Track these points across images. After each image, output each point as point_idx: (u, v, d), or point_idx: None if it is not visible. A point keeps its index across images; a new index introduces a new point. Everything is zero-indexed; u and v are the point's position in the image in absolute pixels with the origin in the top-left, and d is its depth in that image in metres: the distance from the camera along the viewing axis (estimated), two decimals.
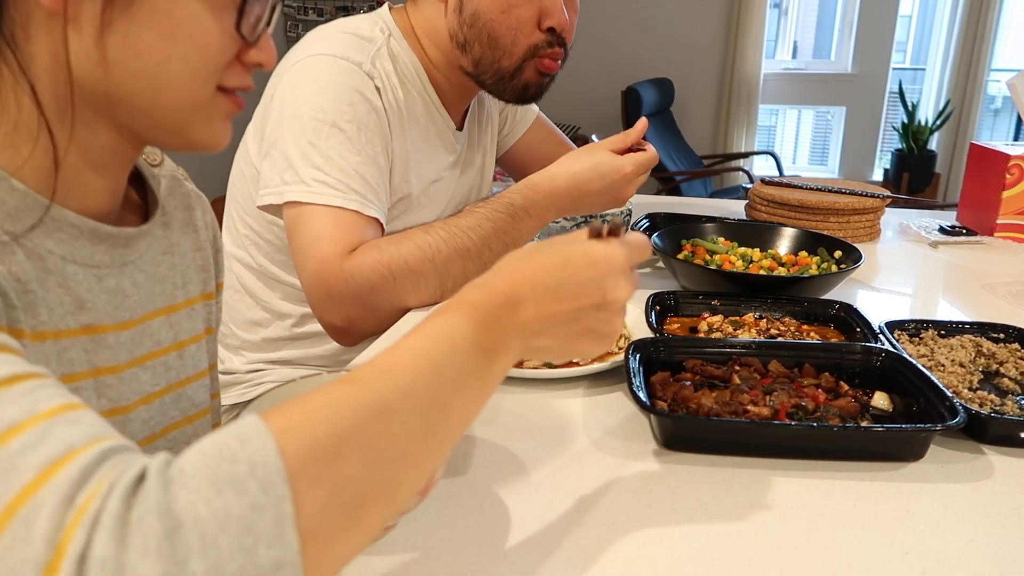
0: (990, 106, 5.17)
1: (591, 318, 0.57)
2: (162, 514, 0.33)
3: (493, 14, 1.11)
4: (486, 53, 1.14)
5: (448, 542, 0.62)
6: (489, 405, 0.84)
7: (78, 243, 0.56)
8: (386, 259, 1.01)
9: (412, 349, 0.46)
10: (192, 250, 0.71)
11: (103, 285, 0.58)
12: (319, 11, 4.98)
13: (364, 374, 0.44)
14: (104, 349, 0.59)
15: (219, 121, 0.58)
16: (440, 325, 0.49)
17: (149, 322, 0.64)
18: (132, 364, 0.62)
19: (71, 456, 0.35)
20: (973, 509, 0.67)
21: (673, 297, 1.07)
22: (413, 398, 0.44)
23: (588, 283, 0.56)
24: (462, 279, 1.05)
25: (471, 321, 0.49)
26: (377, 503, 0.41)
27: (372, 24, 1.16)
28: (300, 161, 1.03)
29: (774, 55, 5.19)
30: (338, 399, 0.41)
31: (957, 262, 1.44)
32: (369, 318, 1.03)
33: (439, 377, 0.46)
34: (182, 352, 0.68)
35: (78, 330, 0.56)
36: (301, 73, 1.07)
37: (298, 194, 1.02)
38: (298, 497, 0.36)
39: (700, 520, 0.65)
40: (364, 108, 1.07)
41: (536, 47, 1.14)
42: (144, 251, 0.64)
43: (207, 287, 0.73)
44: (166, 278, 0.67)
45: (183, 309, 0.69)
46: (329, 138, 1.04)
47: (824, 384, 0.84)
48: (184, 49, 0.53)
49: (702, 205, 1.89)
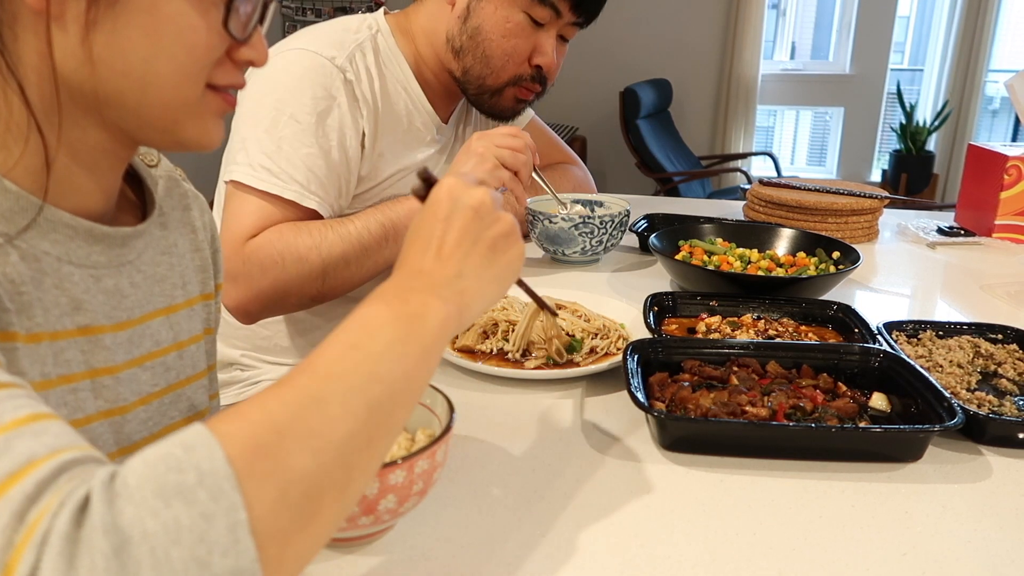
0: (988, 107, 5.17)
1: (482, 231, 0.58)
2: (108, 531, 0.33)
3: (494, 35, 1.18)
4: (476, 66, 1.21)
5: (446, 543, 0.62)
6: (487, 406, 0.85)
7: (73, 244, 0.56)
8: (281, 246, 1.06)
9: (331, 340, 0.47)
10: (191, 250, 0.71)
11: (100, 286, 0.58)
12: (317, 12, 4.98)
13: (290, 375, 0.44)
14: (101, 350, 0.58)
15: (210, 120, 0.58)
16: (353, 316, 0.49)
17: (148, 322, 0.64)
18: (131, 364, 0.62)
19: (29, 469, 0.35)
20: (971, 510, 0.67)
21: (671, 298, 1.07)
22: (344, 379, 0.44)
23: (453, 212, 0.57)
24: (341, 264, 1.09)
25: (380, 302, 0.50)
26: (331, 492, 0.41)
27: (361, 21, 1.22)
28: (253, 145, 1.09)
29: (772, 56, 5.19)
30: (269, 398, 0.41)
31: (955, 263, 1.45)
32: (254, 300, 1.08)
33: (362, 354, 0.46)
34: (181, 352, 0.68)
35: (75, 331, 0.56)
36: (272, 65, 1.13)
37: (242, 175, 1.08)
38: (249, 502, 0.36)
39: (698, 521, 0.65)
40: (325, 103, 1.12)
41: (520, 77, 1.23)
42: (142, 251, 0.63)
43: (206, 287, 0.73)
44: (165, 278, 0.67)
45: (183, 309, 0.69)
46: (284, 128, 1.09)
47: (822, 385, 0.84)
48: (171, 47, 0.52)
49: (700, 206, 1.89)
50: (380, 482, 0.54)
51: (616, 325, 1.00)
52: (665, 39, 4.86)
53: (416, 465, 0.56)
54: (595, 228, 1.30)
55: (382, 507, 0.55)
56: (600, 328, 0.98)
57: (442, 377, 0.91)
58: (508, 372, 0.89)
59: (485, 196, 0.58)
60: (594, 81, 4.76)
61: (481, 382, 0.90)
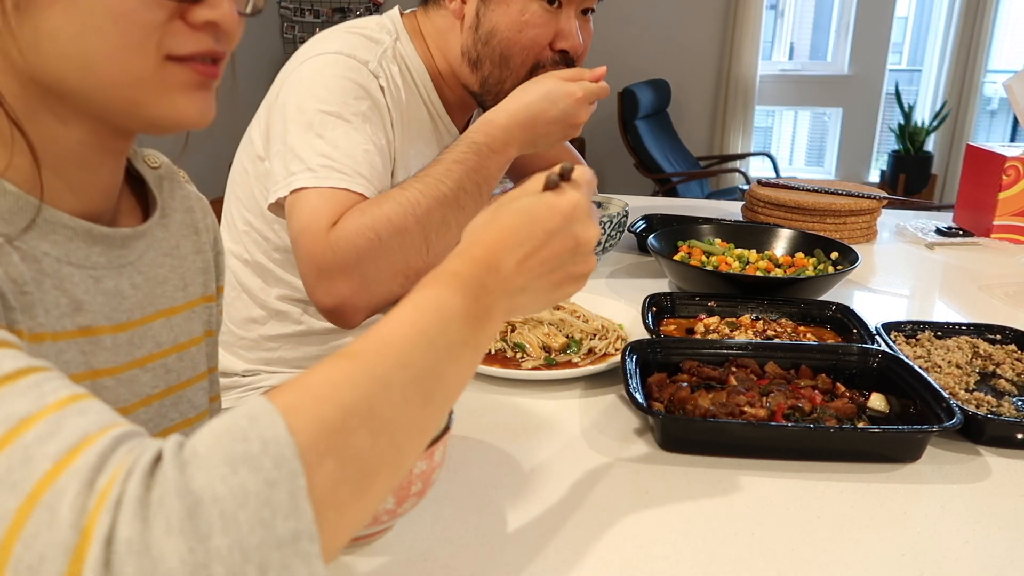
0: (987, 107, 5.18)
1: (568, 264, 0.58)
2: (182, 494, 0.34)
3: (510, 32, 1.13)
4: (494, 72, 1.15)
5: (445, 543, 0.62)
6: (486, 407, 0.85)
7: (73, 244, 0.56)
8: (369, 220, 0.98)
9: (404, 321, 0.47)
10: (193, 252, 0.71)
11: (100, 287, 0.58)
12: (315, 12, 4.97)
13: (360, 348, 0.44)
14: (101, 351, 0.58)
15: (180, 94, 0.53)
16: (428, 297, 0.49)
17: (149, 324, 0.64)
18: (131, 366, 0.61)
19: (86, 443, 0.36)
20: (970, 510, 0.68)
21: (669, 299, 1.07)
22: (410, 368, 0.45)
23: (559, 233, 0.57)
24: (443, 228, 1.03)
25: (458, 291, 0.50)
26: (384, 471, 0.42)
27: (380, 26, 1.18)
28: (307, 151, 1.03)
29: (770, 56, 5.20)
30: (339, 375, 0.42)
31: (953, 263, 1.45)
32: (360, 290, 1.01)
33: (432, 347, 0.47)
34: (182, 354, 0.68)
35: (75, 332, 0.56)
36: (307, 70, 1.09)
37: (305, 180, 1.01)
38: (310, 471, 0.37)
39: (697, 521, 0.65)
40: (368, 103, 1.08)
41: (538, 65, 1.15)
42: (143, 253, 0.63)
43: (208, 289, 0.73)
44: (167, 280, 0.66)
45: (183, 311, 0.68)
46: (335, 128, 1.04)
47: (821, 385, 0.84)
48: (96, 20, 0.48)
49: (699, 206, 1.89)
50: None
51: (615, 326, 1.00)
52: (663, 40, 4.87)
53: (415, 466, 0.56)
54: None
55: (381, 508, 0.55)
56: (599, 329, 0.98)
57: None
58: (507, 373, 0.89)
59: (594, 235, 0.59)
60: None
61: (480, 383, 0.90)
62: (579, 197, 0.58)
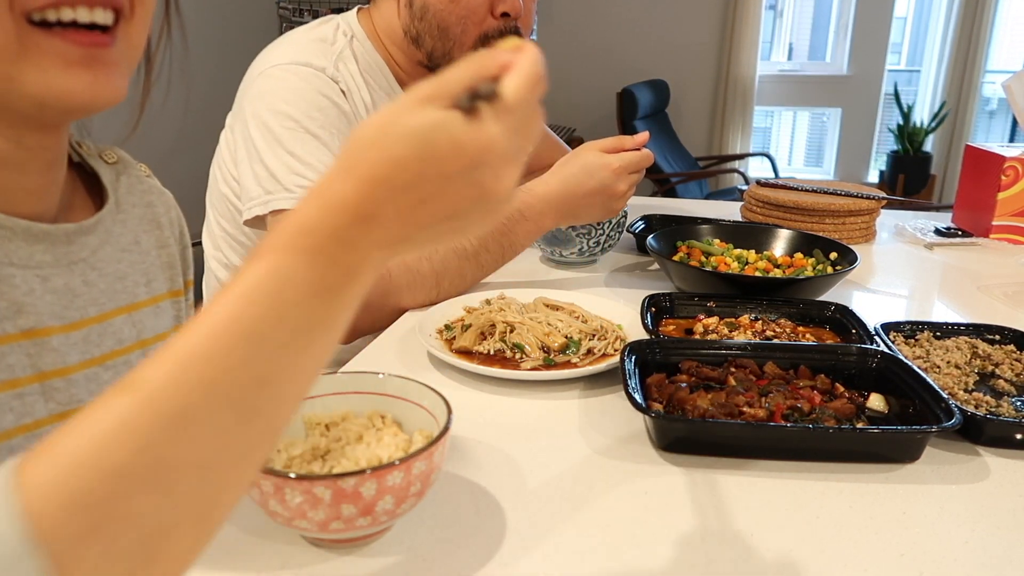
0: (985, 108, 5.18)
1: (470, 212, 0.41)
2: None
3: (441, 4, 1.12)
4: (437, 45, 1.15)
5: (443, 544, 0.62)
6: (485, 407, 0.85)
7: (12, 244, 0.54)
8: None
9: (221, 320, 0.36)
10: (155, 247, 0.69)
11: (48, 285, 0.56)
12: (314, 13, 4.96)
13: (150, 373, 0.34)
14: (49, 352, 0.56)
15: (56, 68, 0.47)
16: (263, 276, 0.37)
17: (109, 321, 0.62)
18: (88, 364, 0.60)
19: None
20: (969, 511, 0.67)
21: (668, 299, 1.07)
22: (225, 386, 0.35)
23: (459, 178, 0.39)
24: (458, 279, 1.06)
25: (307, 258, 0.37)
26: (185, 524, 0.34)
27: (335, 28, 1.19)
28: (281, 170, 1.05)
29: (769, 57, 5.20)
30: (108, 424, 0.33)
31: (953, 264, 1.45)
32: (364, 315, 1.03)
33: (262, 348, 0.36)
34: (146, 351, 0.66)
35: (18, 335, 0.54)
36: (267, 83, 1.09)
37: (283, 202, 1.04)
38: (59, 562, 0.30)
39: (696, 522, 0.65)
40: (333, 112, 1.09)
41: (487, 35, 1.15)
42: (97, 248, 0.61)
43: (174, 284, 0.71)
44: (126, 275, 0.64)
45: (147, 307, 0.67)
46: (304, 143, 1.05)
47: (820, 386, 0.84)
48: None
49: (698, 207, 1.89)
50: (378, 483, 0.54)
51: (614, 326, 1.00)
52: (662, 40, 4.87)
53: (413, 467, 0.56)
54: (592, 229, 1.29)
55: (379, 508, 0.55)
56: (597, 329, 0.98)
57: (439, 378, 0.91)
58: (505, 373, 0.89)
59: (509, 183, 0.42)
60: (591, 82, 4.76)
61: (478, 383, 0.90)
62: (496, 136, 0.39)
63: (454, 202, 0.40)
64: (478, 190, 0.40)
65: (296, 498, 0.53)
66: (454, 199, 0.40)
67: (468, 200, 0.40)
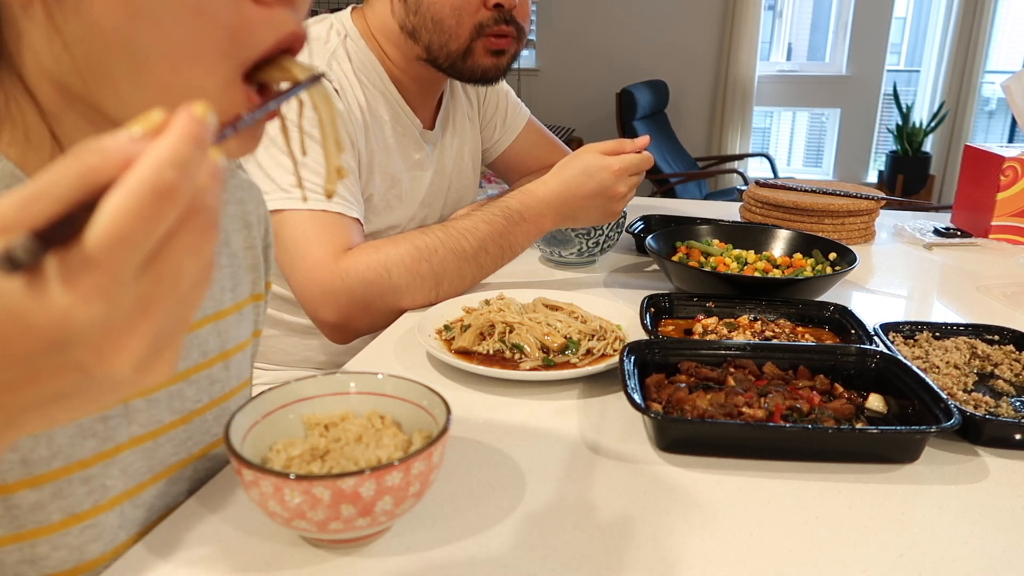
0: (985, 108, 5.19)
1: (81, 392, 0.32)
2: None
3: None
4: (433, 38, 1.15)
5: (442, 543, 0.62)
6: (484, 408, 0.85)
7: None
8: (382, 258, 1.03)
9: None
10: (243, 248, 0.65)
11: None
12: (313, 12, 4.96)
13: None
14: None
15: None
16: None
17: (196, 332, 0.59)
18: (172, 381, 0.57)
19: None
20: (968, 511, 0.67)
21: (668, 299, 1.07)
22: None
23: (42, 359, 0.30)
24: (457, 280, 1.06)
25: None
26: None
27: (328, 27, 1.19)
28: (275, 170, 1.05)
29: (768, 57, 5.20)
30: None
31: (952, 264, 1.45)
32: (363, 315, 1.04)
33: None
34: (228, 362, 0.63)
35: None
36: None
37: (279, 202, 1.04)
38: None
39: (695, 522, 0.65)
40: None
41: (482, 26, 1.15)
42: None
43: (256, 288, 0.68)
44: (216, 281, 0.61)
45: (231, 315, 0.63)
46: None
47: (819, 386, 0.84)
48: (146, 3, 0.42)
49: (697, 207, 1.89)
50: (377, 484, 0.54)
51: (613, 326, 1.00)
52: (661, 40, 4.87)
53: (413, 467, 0.56)
54: (592, 230, 1.29)
55: (378, 509, 0.55)
56: (597, 329, 0.98)
57: (439, 379, 0.91)
58: (504, 374, 0.89)
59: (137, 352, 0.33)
60: (590, 82, 4.76)
61: (478, 384, 0.90)
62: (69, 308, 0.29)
63: (54, 386, 0.32)
64: (78, 372, 0.31)
65: (295, 498, 0.53)
66: (51, 382, 0.31)
67: (71, 383, 0.32)
